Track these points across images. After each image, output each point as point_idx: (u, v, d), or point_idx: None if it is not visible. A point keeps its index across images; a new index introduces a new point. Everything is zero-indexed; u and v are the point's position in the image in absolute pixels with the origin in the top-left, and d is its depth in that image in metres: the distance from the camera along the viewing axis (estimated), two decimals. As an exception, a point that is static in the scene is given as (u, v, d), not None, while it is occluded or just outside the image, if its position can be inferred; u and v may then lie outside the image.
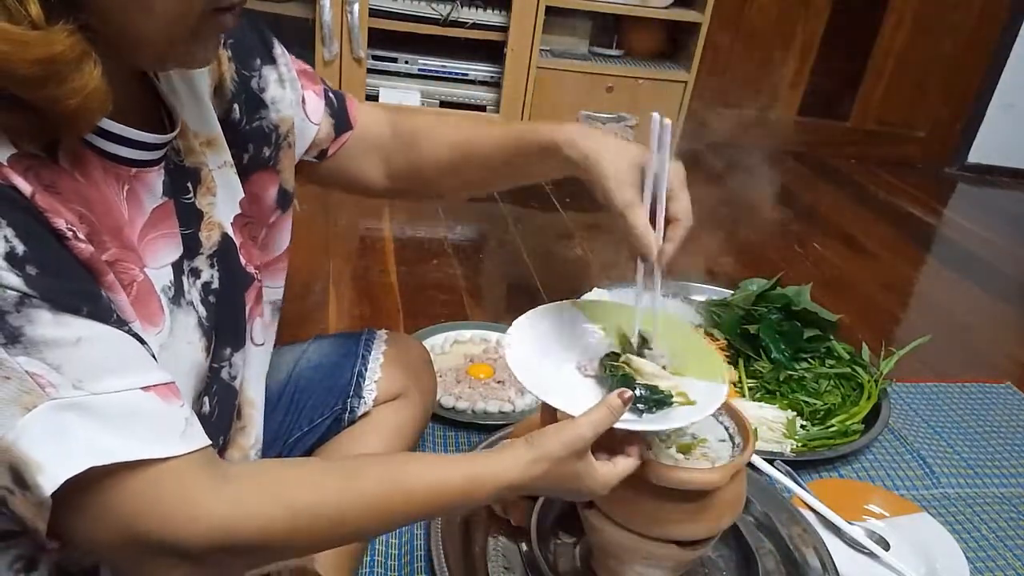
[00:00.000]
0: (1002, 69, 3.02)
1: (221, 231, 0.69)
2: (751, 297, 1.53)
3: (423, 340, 1.30)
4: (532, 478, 0.65)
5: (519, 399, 1.29)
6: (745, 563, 0.97)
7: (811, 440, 1.28)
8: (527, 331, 0.82)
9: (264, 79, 0.77)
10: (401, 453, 0.87)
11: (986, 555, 1.14)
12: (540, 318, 0.85)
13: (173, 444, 0.52)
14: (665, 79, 2.35)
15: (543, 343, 0.82)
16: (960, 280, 2.21)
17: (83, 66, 0.48)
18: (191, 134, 0.67)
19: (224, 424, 0.73)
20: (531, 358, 0.78)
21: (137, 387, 0.51)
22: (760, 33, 2.89)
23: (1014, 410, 1.52)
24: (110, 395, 0.49)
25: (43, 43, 0.45)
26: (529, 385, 0.74)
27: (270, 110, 0.77)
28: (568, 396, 0.74)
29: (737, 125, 3.04)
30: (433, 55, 2.29)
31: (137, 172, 0.58)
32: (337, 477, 0.60)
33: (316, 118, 0.84)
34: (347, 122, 0.87)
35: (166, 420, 0.52)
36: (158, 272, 0.60)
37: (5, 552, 0.58)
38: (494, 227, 2.09)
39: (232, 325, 0.71)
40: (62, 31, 0.46)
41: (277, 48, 0.79)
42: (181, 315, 0.61)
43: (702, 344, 0.87)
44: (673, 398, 0.74)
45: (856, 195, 2.80)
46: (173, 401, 0.53)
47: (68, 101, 0.48)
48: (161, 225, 0.61)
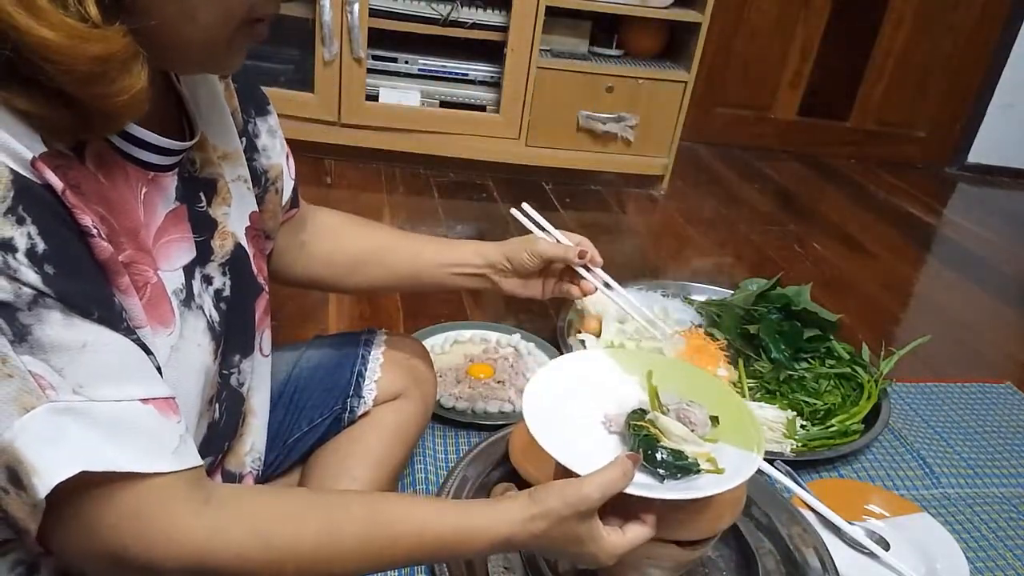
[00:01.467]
0: (1002, 69, 3.02)
1: (235, 241, 0.70)
2: (751, 297, 1.53)
3: (423, 340, 1.30)
4: (530, 535, 0.63)
5: (519, 399, 1.29)
6: (745, 563, 0.97)
7: (811, 440, 1.28)
8: (553, 377, 0.79)
9: (257, 127, 0.80)
10: (392, 494, 0.83)
11: (986, 555, 1.14)
12: (569, 364, 0.82)
13: (164, 460, 0.52)
14: (665, 79, 2.35)
15: (569, 392, 0.78)
16: (960, 280, 2.21)
17: (133, 66, 0.49)
18: (210, 146, 0.68)
19: (229, 430, 0.73)
20: (551, 407, 0.75)
21: (136, 398, 0.51)
22: (760, 33, 2.89)
23: (1014, 410, 1.52)
24: (109, 403, 0.49)
25: (102, 40, 0.46)
26: (538, 434, 0.70)
27: (261, 155, 0.80)
28: (585, 452, 0.70)
29: (737, 125, 3.04)
30: (433, 55, 2.29)
31: (154, 176, 0.59)
32: (320, 514, 0.59)
33: (293, 176, 0.87)
34: (297, 200, 0.90)
35: (161, 435, 0.52)
36: (171, 275, 0.60)
37: (4, 557, 0.58)
38: (494, 227, 2.09)
39: (242, 332, 0.72)
40: (119, 31, 0.47)
41: (269, 104, 0.83)
42: (191, 318, 0.62)
43: (742, 408, 0.80)
44: (700, 466, 0.70)
45: (856, 195, 2.80)
46: (171, 416, 0.53)
47: (116, 99, 0.49)
48: (174, 229, 0.61)
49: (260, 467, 0.81)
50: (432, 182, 2.30)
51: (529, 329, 1.50)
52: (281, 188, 0.83)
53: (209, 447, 0.69)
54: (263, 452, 0.82)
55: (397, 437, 0.98)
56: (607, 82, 2.32)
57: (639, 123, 2.38)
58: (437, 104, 2.30)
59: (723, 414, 0.77)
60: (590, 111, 2.35)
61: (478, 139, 2.34)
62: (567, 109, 2.34)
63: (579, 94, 2.33)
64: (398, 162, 2.33)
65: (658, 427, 0.73)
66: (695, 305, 1.61)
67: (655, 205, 2.41)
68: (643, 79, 2.34)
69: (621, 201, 2.38)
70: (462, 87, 2.32)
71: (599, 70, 2.31)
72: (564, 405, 0.76)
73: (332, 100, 2.21)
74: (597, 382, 0.81)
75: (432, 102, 2.30)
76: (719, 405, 0.78)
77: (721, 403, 0.79)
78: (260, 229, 0.76)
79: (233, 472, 0.78)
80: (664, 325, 0.84)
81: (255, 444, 0.80)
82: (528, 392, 0.75)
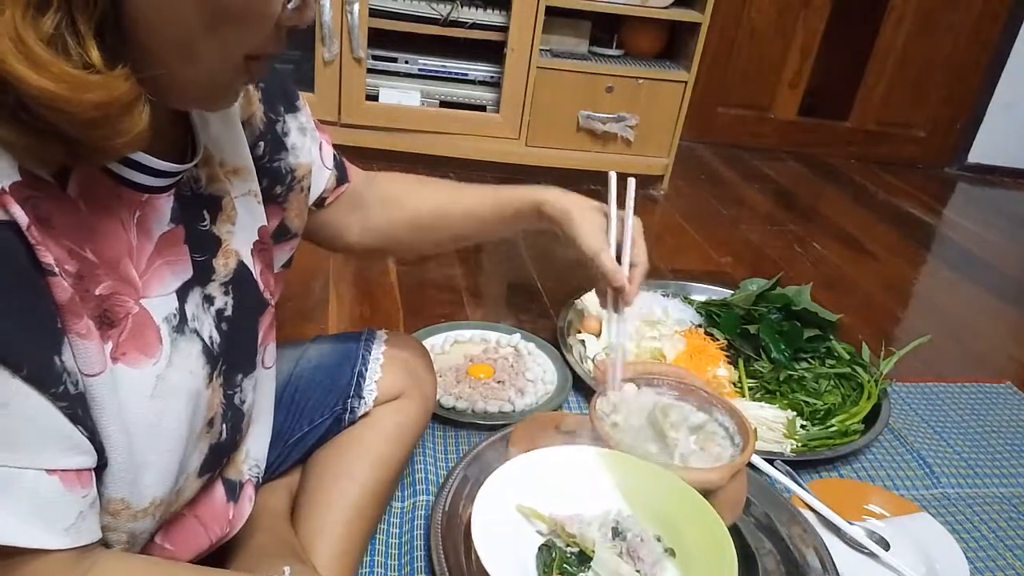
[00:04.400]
0: (1002, 69, 3.03)
1: (238, 259, 0.69)
2: (751, 297, 1.53)
3: (423, 340, 1.30)
4: None
5: (519, 399, 1.29)
6: (745, 563, 0.96)
7: (811, 440, 1.28)
8: (531, 467, 0.75)
9: (287, 125, 0.79)
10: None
11: (986, 555, 1.14)
12: (553, 458, 0.78)
13: (54, 537, 0.50)
14: (665, 79, 2.35)
15: (540, 486, 0.75)
16: (960, 280, 2.21)
17: (135, 109, 0.48)
18: (217, 162, 0.67)
19: (229, 446, 0.73)
20: (507, 504, 0.71)
21: (42, 467, 0.49)
22: (760, 33, 2.90)
23: (1014, 410, 1.52)
24: (9, 469, 0.48)
25: (104, 87, 0.46)
26: (477, 531, 0.67)
27: (289, 154, 0.80)
28: (521, 562, 0.67)
29: (737, 125, 3.04)
30: (433, 55, 2.29)
31: (148, 198, 0.58)
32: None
33: (329, 164, 0.87)
34: (346, 175, 0.90)
35: (57, 509, 0.50)
36: (162, 300, 0.59)
37: None
38: (494, 227, 2.09)
39: (244, 350, 0.71)
40: (121, 75, 0.46)
41: (300, 100, 0.82)
42: (183, 343, 0.61)
43: (723, 541, 0.73)
44: None
45: (856, 195, 2.80)
46: (75, 490, 0.51)
47: (116, 140, 0.48)
48: (167, 252, 0.60)
49: (260, 474, 0.81)
50: (432, 182, 2.30)
51: (529, 329, 1.50)
52: (307, 186, 0.83)
53: (210, 465, 0.69)
54: (263, 460, 0.82)
55: (397, 437, 0.98)
56: (607, 82, 2.32)
57: (639, 123, 2.38)
58: (437, 104, 2.30)
59: (701, 547, 0.72)
60: (590, 111, 2.35)
61: (478, 139, 2.34)
62: (567, 109, 2.34)
63: (579, 94, 2.33)
64: (398, 162, 2.33)
65: (595, 554, 0.70)
66: (695, 305, 1.61)
67: (655, 205, 2.41)
68: (643, 79, 2.34)
69: (621, 201, 2.38)
70: (462, 87, 2.32)
71: (599, 70, 2.32)
72: (523, 505, 0.73)
73: (332, 100, 2.21)
74: (574, 483, 0.77)
75: (432, 102, 2.30)
76: (700, 536, 0.73)
77: (703, 535, 0.73)
78: (268, 244, 0.75)
79: (233, 480, 0.77)
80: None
81: (254, 453, 0.80)
82: (491, 479, 0.72)
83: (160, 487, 0.60)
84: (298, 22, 0.53)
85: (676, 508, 0.75)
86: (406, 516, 1.04)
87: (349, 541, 0.91)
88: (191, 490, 0.68)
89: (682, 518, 0.74)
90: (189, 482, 0.66)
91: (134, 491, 0.58)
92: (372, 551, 0.98)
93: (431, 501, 1.06)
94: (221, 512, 0.75)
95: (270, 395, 0.82)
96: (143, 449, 0.57)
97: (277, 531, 0.88)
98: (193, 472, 0.66)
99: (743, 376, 1.40)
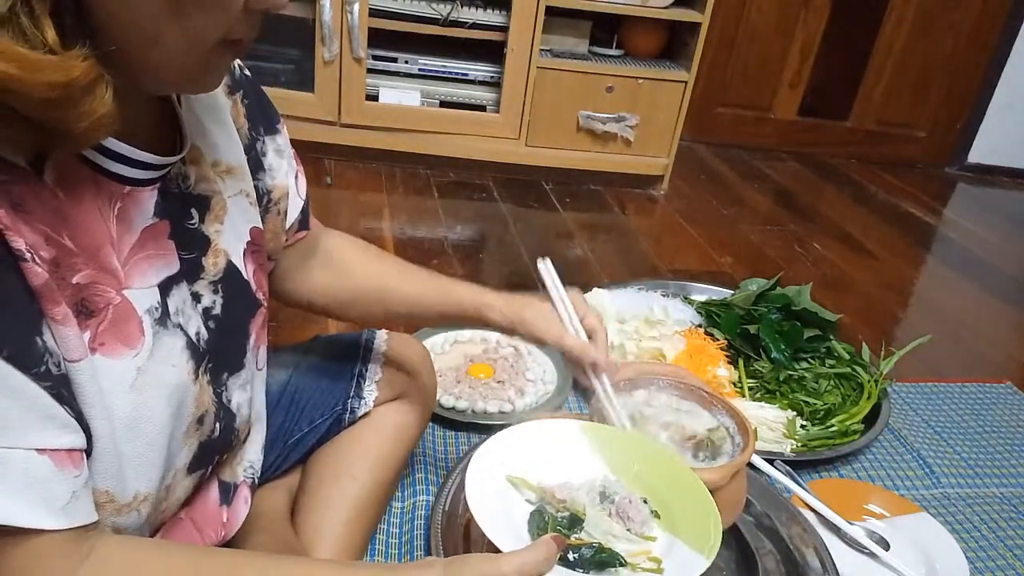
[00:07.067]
0: (1002, 69, 3.03)
1: (227, 258, 0.68)
2: (751, 297, 1.53)
3: (423, 340, 1.30)
4: None
5: (519, 399, 1.29)
6: (745, 563, 0.97)
7: (811, 440, 1.28)
8: (517, 440, 0.77)
9: (265, 145, 0.78)
10: (292, 558, 0.78)
11: (986, 555, 1.14)
12: (538, 431, 0.80)
13: (49, 517, 0.50)
14: (665, 79, 2.35)
15: (523, 461, 0.76)
16: (960, 280, 2.21)
17: (96, 90, 0.47)
18: (208, 162, 0.67)
19: (221, 444, 0.72)
20: (499, 475, 0.73)
21: (32, 447, 0.49)
22: (760, 33, 2.90)
23: (1014, 410, 1.52)
24: (1, 449, 0.48)
25: (59, 68, 0.45)
26: (472, 499, 0.68)
27: (267, 174, 0.78)
28: (516, 527, 0.68)
29: (737, 125, 3.04)
30: (433, 55, 2.29)
31: (131, 190, 0.57)
32: (207, 573, 0.56)
33: (302, 195, 0.85)
34: (307, 222, 0.88)
35: (50, 488, 0.50)
36: (143, 293, 0.58)
37: None
38: (494, 227, 2.09)
39: (234, 350, 0.71)
40: (78, 56, 0.46)
41: (280, 123, 0.81)
42: (166, 336, 0.60)
43: (708, 506, 0.74)
44: (624, 561, 0.68)
45: (856, 195, 2.80)
46: (68, 470, 0.51)
47: (78, 124, 0.47)
48: (150, 245, 0.59)
49: (255, 476, 0.81)
50: (432, 182, 2.30)
51: (529, 329, 1.50)
52: (284, 210, 0.81)
53: (200, 462, 0.69)
54: (258, 462, 0.81)
55: (397, 437, 0.98)
56: (607, 82, 2.32)
57: (639, 123, 2.38)
58: (437, 104, 2.30)
59: (686, 510, 0.74)
60: (590, 111, 2.35)
61: (478, 139, 2.34)
62: (567, 109, 2.34)
63: (579, 94, 2.33)
64: (398, 162, 2.33)
65: (585, 515, 0.71)
66: (695, 305, 1.61)
67: (655, 205, 2.41)
68: (643, 79, 2.34)
69: (621, 201, 2.38)
70: (462, 87, 2.32)
71: (599, 70, 2.32)
72: (513, 473, 0.74)
73: (332, 100, 2.21)
74: (560, 452, 0.78)
75: (432, 102, 2.30)
76: (683, 499, 0.74)
77: (686, 498, 0.75)
78: (261, 244, 0.75)
79: (228, 482, 0.77)
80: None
81: (248, 455, 0.79)
82: (474, 462, 0.73)
83: (144, 481, 0.60)
84: (269, 6, 0.52)
85: (656, 471, 0.77)
86: (406, 516, 1.04)
87: (349, 541, 0.91)
88: (183, 488, 0.68)
89: (663, 480, 0.76)
90: (178, 479, 0.66)
91: (118, 483, 0.58)
92: (372, 551, 0.98)
93: (431, 501, 1.06)
94: (215, 515, 0.75)
95: (262, 397, 0.81)
96: (124, 440, 0.57)
97: (277, 531, 0.88)
98: (182, 468, 0.66)
99: (743, 376, 1.40)
